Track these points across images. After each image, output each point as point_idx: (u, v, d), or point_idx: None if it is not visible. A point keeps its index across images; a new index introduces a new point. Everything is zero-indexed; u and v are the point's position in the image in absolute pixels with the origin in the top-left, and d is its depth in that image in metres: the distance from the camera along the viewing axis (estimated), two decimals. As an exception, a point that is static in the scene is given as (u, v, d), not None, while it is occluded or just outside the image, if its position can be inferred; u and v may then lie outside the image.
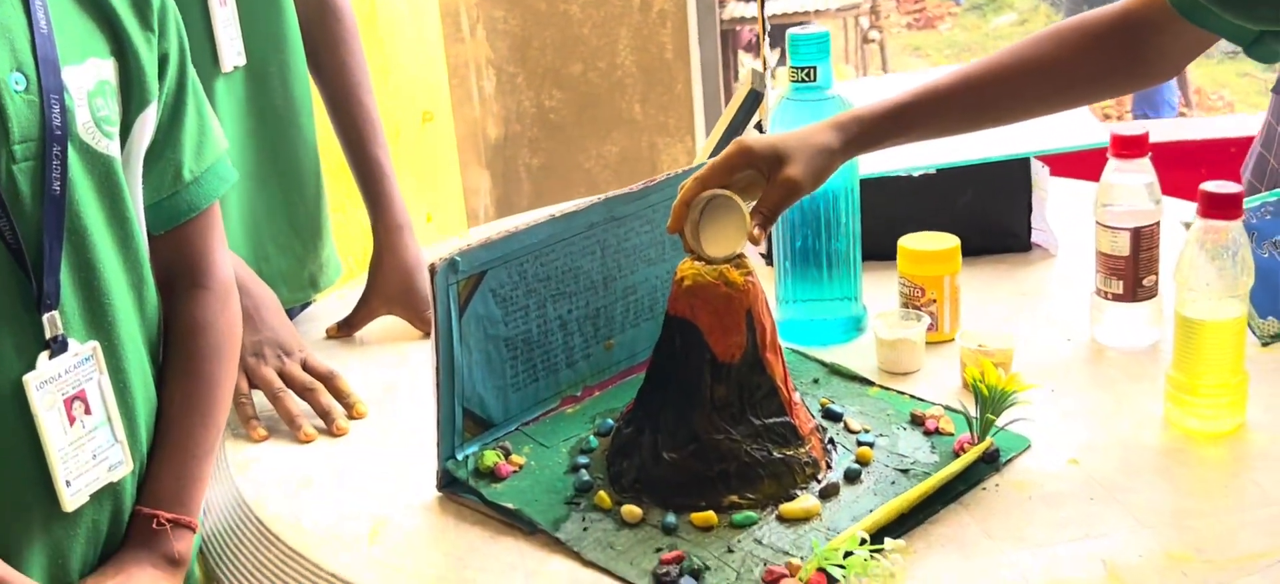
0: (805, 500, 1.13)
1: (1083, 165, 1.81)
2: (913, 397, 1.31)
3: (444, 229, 3.26)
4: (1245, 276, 1.18)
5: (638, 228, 1.32)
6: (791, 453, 1.16)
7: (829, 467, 1.18)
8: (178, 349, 1.19)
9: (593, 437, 1.25)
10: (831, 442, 1.22)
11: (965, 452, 1.17)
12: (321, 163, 1.64)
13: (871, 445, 1.21)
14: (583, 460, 1.21)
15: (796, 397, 1.22)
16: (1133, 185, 1.36)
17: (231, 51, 1.47)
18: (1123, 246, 1.36)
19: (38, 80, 1.03)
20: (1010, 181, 1.65)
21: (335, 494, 1.23)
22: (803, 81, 1.40)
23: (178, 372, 1.18)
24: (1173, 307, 1.23)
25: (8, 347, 1.03)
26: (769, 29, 1.95)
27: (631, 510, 1.13)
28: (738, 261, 1.18)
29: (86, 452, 1.08)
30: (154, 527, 1.13)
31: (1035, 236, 1.68)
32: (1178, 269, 1.20)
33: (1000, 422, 1.19)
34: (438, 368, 1.17)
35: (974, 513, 1.12)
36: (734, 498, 1.13)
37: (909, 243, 1.44)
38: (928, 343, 1.40)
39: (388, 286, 1.56)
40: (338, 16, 1.60)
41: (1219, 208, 1.17)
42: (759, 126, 1.68)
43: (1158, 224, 1.37)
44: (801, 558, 1.05)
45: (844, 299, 1.45)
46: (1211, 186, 1.18)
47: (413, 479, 1.23)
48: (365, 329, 1.58)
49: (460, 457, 1.21)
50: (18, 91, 1.02)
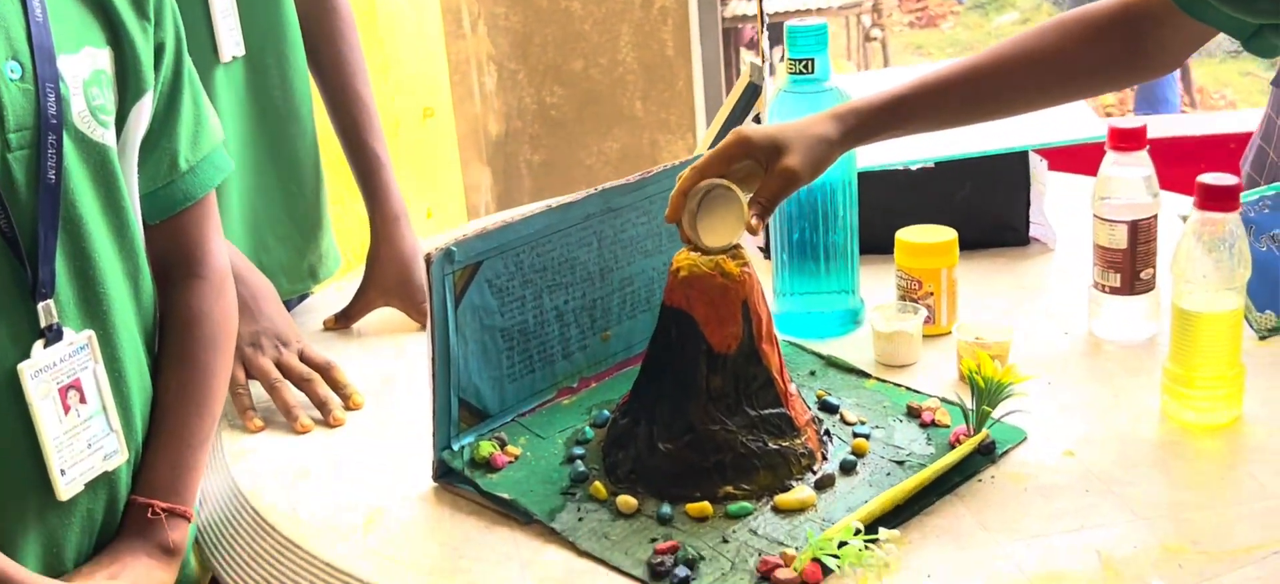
0: (801, 491, 1.13)
1: (1081, 160, 1.80)
2: (909, 389, 1.31)
3: (445, 225, 3.26)
4: (1242, 269, 1.18)
5: (634, 219, 1.32)
6: (787, 444, 1.16)
7: (825, 458, 1.18)
8: (173, 339, 1.19)
9: (589, 428, 1.25)
10: (827, 433, 1.22)
11: (961, 443, 1.17)
12: (321, 155, 1.64)
13: (867, 437, 1.21)
14: (578, 451, 1.21)
15: (792, 388, 1.21)
16: (1130, 178, 1.36)
17: (230, 42, 1.47)
18: (1120, 239, 1.36)
19: (33, 69, 1.03)
20: (1009, 175, 1.65)
21: (331, 485, 1.23)
22: (800, 73, 1.40)
23: (173, 361, 1.18)
24: (1170, 300, 1.22)
25: (2, 335, 1.03)
26: (770, 26, 1.95)
27: (627, 501, 1.13)
28: (734, 252, 1.18)
29: (81, 441, 1.08)
30: (149, 516, 1.13)
31: (1033, 230, 1.68)
32: (1174, 261, 1.20)
33: (996, 414, 1.18)
34: (433, 358, 1.17)
35: (969, 504, 1.12)
36: (729, 489, 1.13)
37: (906, 236, 1.44)
38: (925, 336, 1.40)
39: (385, 278, 1.56)
40: (335, 9, 1.61)
41: (1216, 200, 1.17)
42: (757, 119, 1.68)
43: (1155, 217, 1.37)
44: (796, 548, 1.05)
45: (841, 292, 1.45)
46: (1208, 179, 1.18)
47: (409, 470, 1.23)
48: (362, 321, 1.58)
49: (456, 447, 1.21)
50: (13, 80, 1.02)
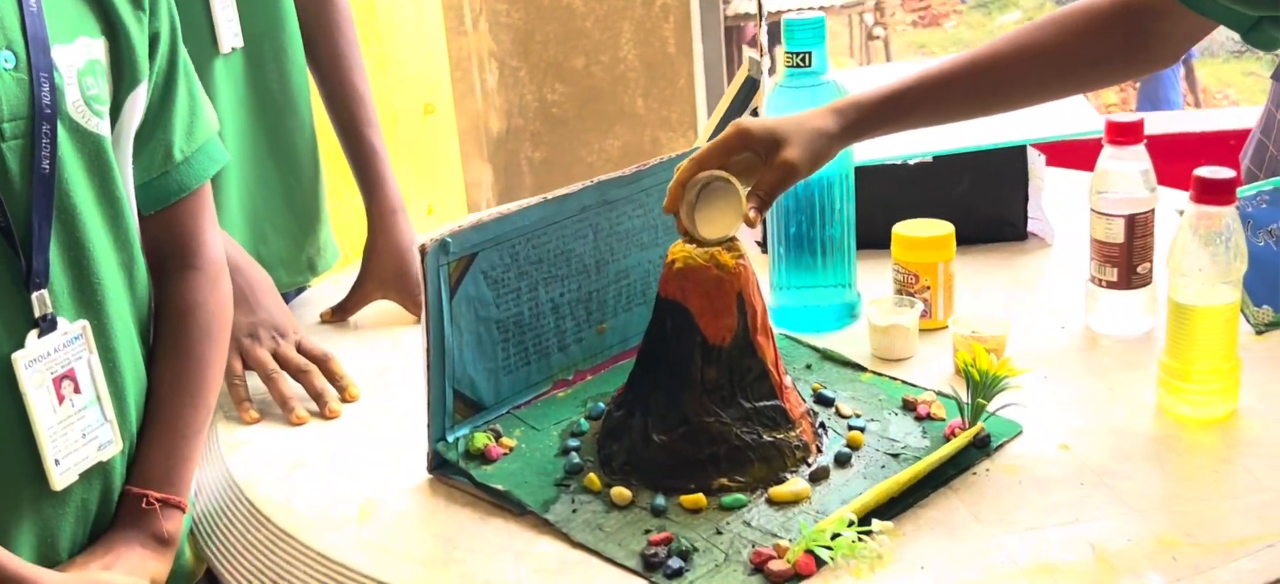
0: (795, 484, 1.13)
1: (1079, 155, 1.80)
2: (905, 382, 1.31)
3: (445, 222, 3.25)
4: (1238, 262, 1.18)
5: (630, 212, 1.32)
6: (782, 436, 1.16)
7: (819, 450, 1.18)
8: (168, 329, 1.19)
9: (584, 420, 1.25)
10: (822, 426, 1.21)
11: (956, 436, 1.17)
12: (319, 148, 1.64)
13: (862, 430, 1.21)
14: (573, 443, 1.21)
15: (788, 380, 1.21)
16: (1128, 172, 1.35)
17: (229, 33, 1.47)
18: (1117, 233, 1.36)
19: (27, 58, 1.03)
20: (1007, 170, 1.65)
21: (326, 476, 1.23)
22: (798, 66, 1.39)
23: (168, 351, 1.18)
24: (1166, 294, 1.22)
25: (-4, 324, 1.03)
26: (772, 24, 1.94)
27: (621, 493, 1.13)
28: (729, 244, 1.18)
29: (76, 431, 1.08)
30: (143, 506, 1.13)
31: (1031, 225, 1.68)
32: (1170, 255, 1.20)
33: (992, 407, 1.18)
34: (428, 349, 1.17)
35: (963, 497, 1.11)
36: (724, 481, 1.13)
37: (903, 229, 1.44)
38: (921, 330, 1.40)
39: (381, 270, 1.56)
40: (332, 2, 1.60)
41: (1211, 193, 1.17)
42: (755, 113, 1.68)
43: (1152, 211, 1.37)
44: (790, 540, 1.05)
45: (838, 286, 1.45)
46: (1205, 172, 1.17)
47: (404, 462, 1.23)
48: (359, 314, 1.58)
49: (451, 439, 1.21)
50: (6, 70, 1.02)
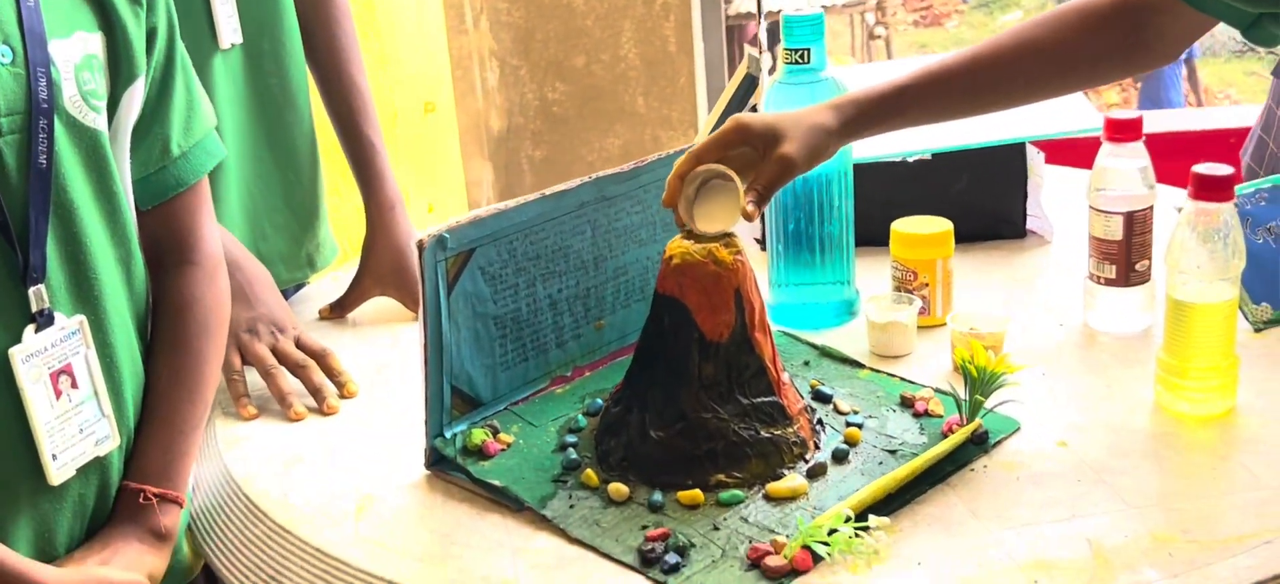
0: (792, 480, 1.13)
1: (1078, 153, 1.80)
2: (903, 379, 1.31)
3: (446, 221, 3.25)
4: (1236, 259, 1.18)
5: (628, 208, 1.32)
6: (779, 432, 1.16)
7: (817, 447, 1.18)
8: (165, 324, 1.19)
9: (581, 416, 1.25)
10: (820, 422, 1.21)
11: (954, 433, 1.17)
12: (318, 145, 1.64)
13: (860, 426, 1.21)
14: (571, 439, 1.21)
15: (785, 377, 1.21)
16: (1126, 169, 1.35)
17: (229, 29, 1.47)
18: (1115, 230, 1.36)
19: (24, 53, 1.03)
20: (1006, 167, 1.64)
21: (324, 472, 1.23)
22: (796, 63, 1.39)
23: (165, 347, 1.18)
24: (1164, 291, 1.22)
25: (-7, 319, 1.03)
26: (772, 23, 1.94)
27: (618, 488, 1.13)
28: (727, 240, 1.18)
29: (73, 426, 1.08)
30: (140, 501, 1.13)
31: (1030, 223, 1.68)
32: (1169, 251, 1.20)
33: (989, 404, 1.18)
34: (426, 345, 1.17)
35: (961, 493, 1.11)
36: (721, 477, 1.13)
37: (902, 226, 1.44)
38: (920, 326, 1.40)
39: (380, 266, 1.56)
40: (330, -4, 1.61)
41: (1210, 190, 1.17)
42: (753, 110, 1.68)
43: (1151, 208, 1.37)
44: (787, 536, 1.05)
45: (836, 283, 1.45)
46: (1203, 168, 1.17)
47: (402, 458, 1.23)
48: (358, 310, 1.58)
49: (448, 435, 1.21)
50: (3, 65, 1.02)
